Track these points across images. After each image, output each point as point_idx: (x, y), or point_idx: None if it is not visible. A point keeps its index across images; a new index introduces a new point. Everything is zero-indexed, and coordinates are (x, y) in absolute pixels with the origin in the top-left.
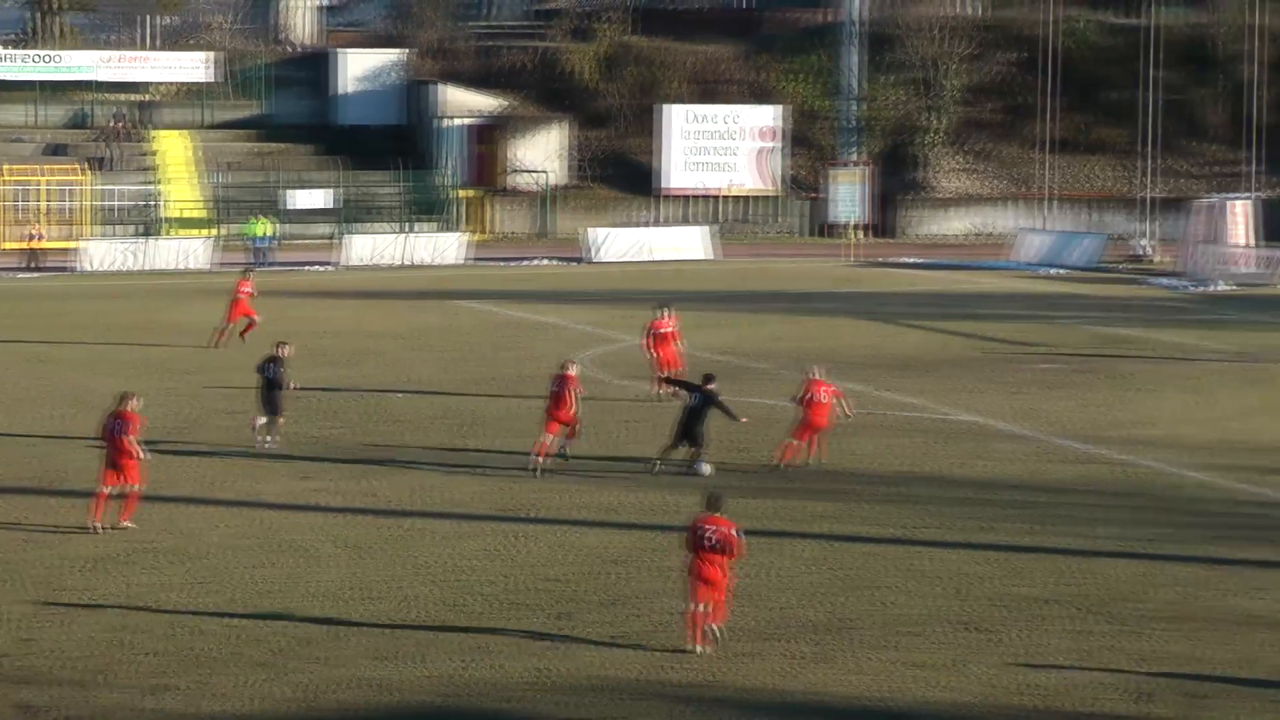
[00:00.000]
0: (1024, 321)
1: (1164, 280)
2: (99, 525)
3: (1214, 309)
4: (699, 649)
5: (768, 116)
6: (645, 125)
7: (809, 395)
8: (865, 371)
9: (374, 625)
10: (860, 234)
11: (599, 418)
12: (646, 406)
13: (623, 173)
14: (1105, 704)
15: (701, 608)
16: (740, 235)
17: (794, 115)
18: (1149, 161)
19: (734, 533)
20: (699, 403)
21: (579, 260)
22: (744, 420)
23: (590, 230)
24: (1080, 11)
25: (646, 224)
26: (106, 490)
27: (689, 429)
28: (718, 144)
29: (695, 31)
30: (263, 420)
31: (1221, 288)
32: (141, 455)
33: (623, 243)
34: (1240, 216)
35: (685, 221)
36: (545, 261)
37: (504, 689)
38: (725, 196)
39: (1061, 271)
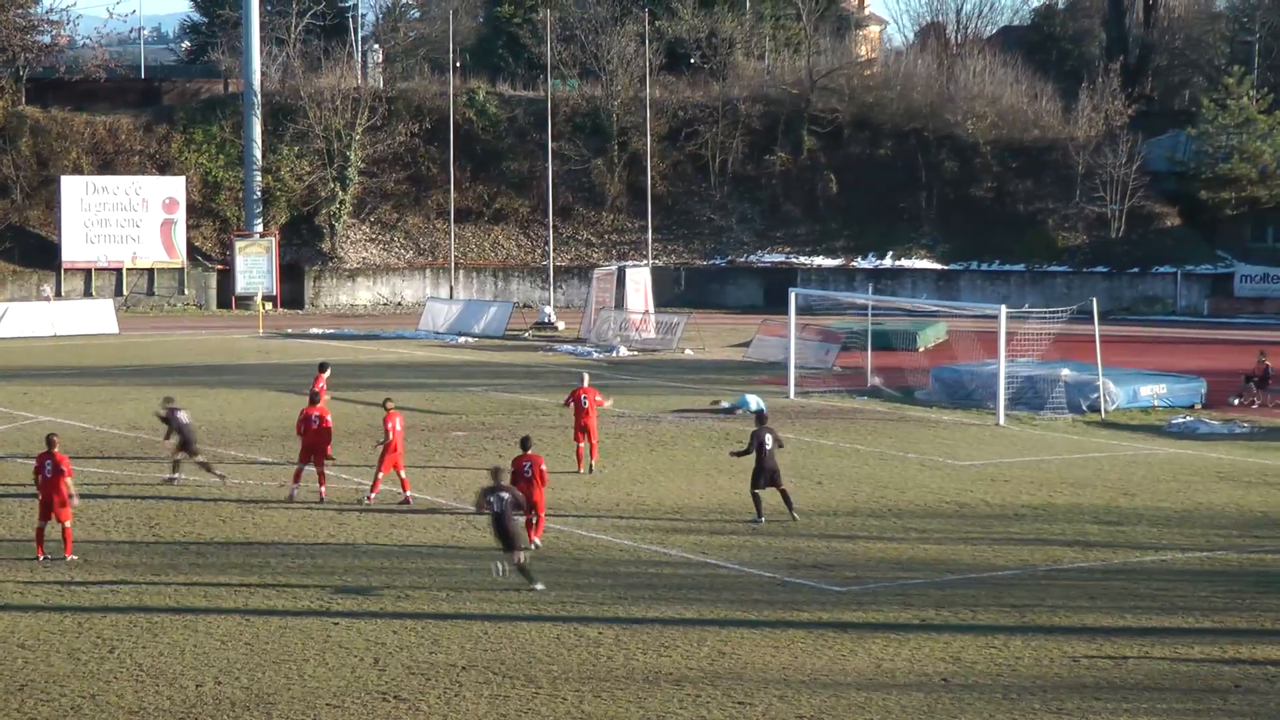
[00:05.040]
0: (435, 390)
1: (569, 347)
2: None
3: (618, 374)
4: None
5: (170, 188)
6: (43, 197)
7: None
8: (275, 444)
9: None
10: (268, 305)
11: None
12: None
13: (20, 245)
14: None
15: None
16: (147, 308)
17: (198, 186)
18: (551, 230)
19: (542, 466)
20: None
21: None
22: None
23: None
24: (480, 84)
25: (48, 298)
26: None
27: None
28: (120, 215)
29: (92, 101)
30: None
31: (624, 353)
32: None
33: (22, 318)
34: (638, 284)
35: (89, 295)
36: None
37: None
38: (129, 269)
39: (470, 340)
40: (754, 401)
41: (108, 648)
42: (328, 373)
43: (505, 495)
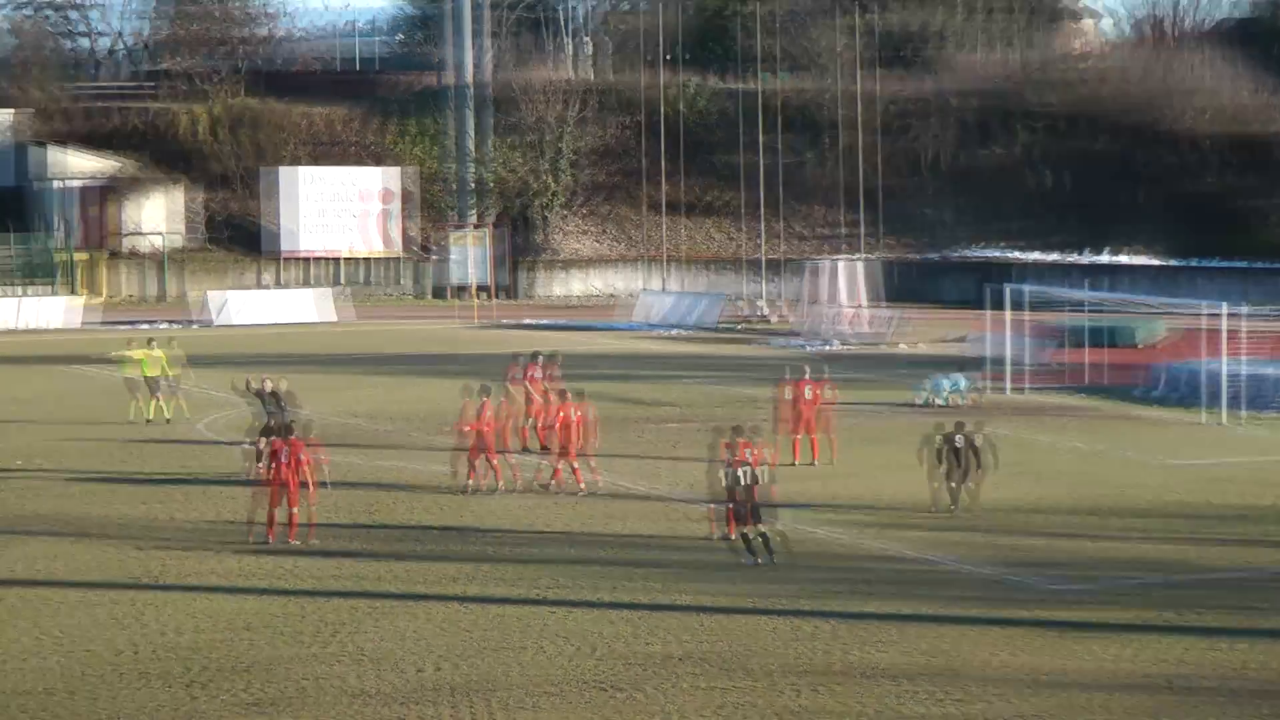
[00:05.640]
0: (648, 382)
1: (781, 340)
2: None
3: (831, 368)
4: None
5: (386, 179)
6: (265, 187)
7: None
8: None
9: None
10: (482, 296)
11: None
12: None
13: (243, 235)
14: None
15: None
16: (363, 297)
17: (414, 177)
18: (764, 224)
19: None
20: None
21: (200, 323)
22: None
23: (211, 293)
24: (692, 77)
25: (268, 287)
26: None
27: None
28: (337, 206)
29: (310, 93)
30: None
31: (836, 347)
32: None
33: (244, 306)
34: (852, 277)
35: (307, 284)
36: (165, 325)
37: None
38: (346, 259)
39: (683, 332)
40: (948, 385)
41: (330, 631)
42: (540, 360)
43: (745, 469)
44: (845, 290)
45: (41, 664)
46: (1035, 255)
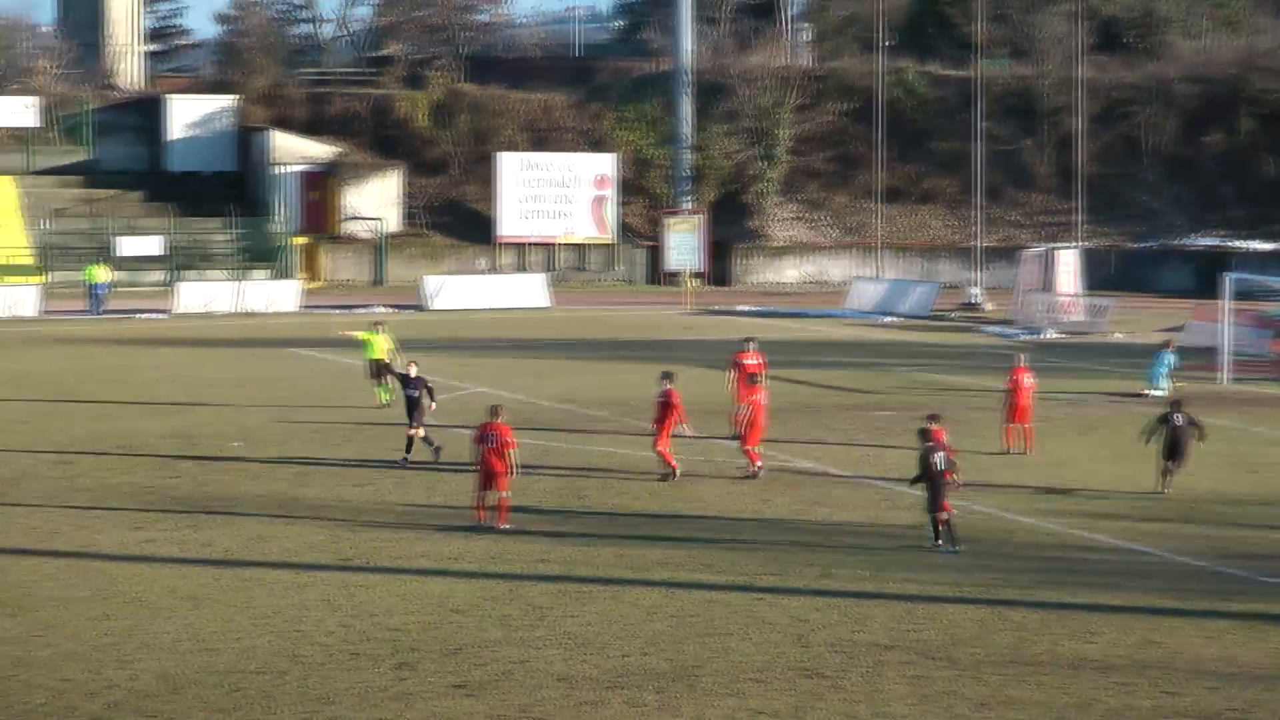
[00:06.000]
0: (859, 369)
1: (995, 328)
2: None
3: (1044, 356)
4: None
5: (602, 164)
6: (480, 172)
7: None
8: (704, 420)
9: (211, 677)
10: (696, 282)
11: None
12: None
13: (458, 220)
14: None
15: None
16: (576, 283)
17: (628, 163)
18: (979, 211)
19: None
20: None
21: (415, 308)
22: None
23: (426, 278)
24: (909, 63)
25: (483, 272)
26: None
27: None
28: (552, 191)
29: (527, 79)
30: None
31: (1051, 335)
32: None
33: (459, 290)
34: (1068, 266)
35: (521, 269)
36: (381, 309)
37: None
38: (561, 244)
39: (895, 319)
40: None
41: (538, 615)
42: (752, 346)
43: (942, 453)
44: (1061, 278)
45: (253, 644)
46: (1257, 244)
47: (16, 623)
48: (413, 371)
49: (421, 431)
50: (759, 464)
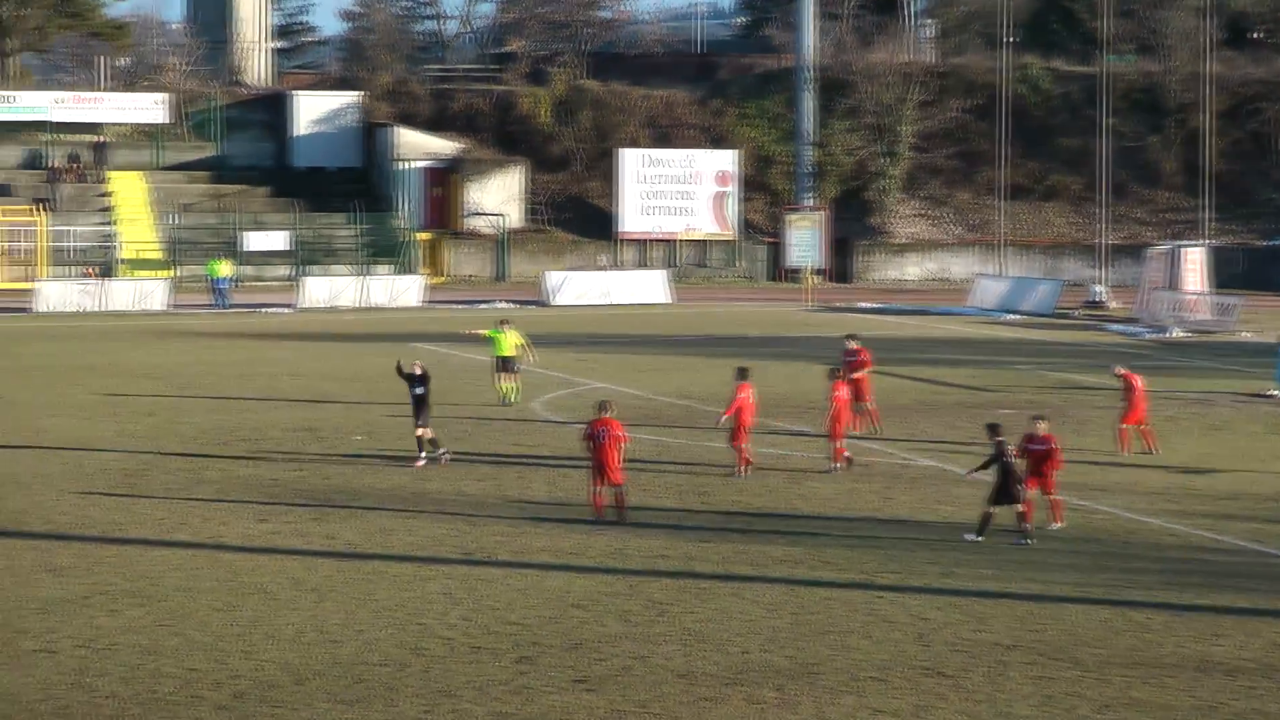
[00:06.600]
0: (981, 367)
1: (1119, 326)
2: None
3: (1170, 355)
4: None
5: (723, 161)
6: (601, 169)
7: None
8: (819, 416)
9: (335, 668)
10: (817, 278)
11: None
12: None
13: (579, 216)
14: None
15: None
16: (697, 279)
17: (749, 160)
18: (1104, 208)
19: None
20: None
21: (537, 303)
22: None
23: (548, 273)
24: (1033, 59)
25: (605, 268)
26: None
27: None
28: (674, 188)
29: (649, 76)
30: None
31: (1177, 334)
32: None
33: (580, 286)
34: (1194, 264)
35: (642, 265)
36: (503, 304)
37: None
38: (682, 240)
39: (1018, 317)
40: None
41: (657, 611)
42: (855, 343)
43: (1010, 448)
44: (1187, 276)
45: (375, 636)
46: None
47: (145, 612)
48: (418, 370)
49: (430, 433)
50: (840, 461)
